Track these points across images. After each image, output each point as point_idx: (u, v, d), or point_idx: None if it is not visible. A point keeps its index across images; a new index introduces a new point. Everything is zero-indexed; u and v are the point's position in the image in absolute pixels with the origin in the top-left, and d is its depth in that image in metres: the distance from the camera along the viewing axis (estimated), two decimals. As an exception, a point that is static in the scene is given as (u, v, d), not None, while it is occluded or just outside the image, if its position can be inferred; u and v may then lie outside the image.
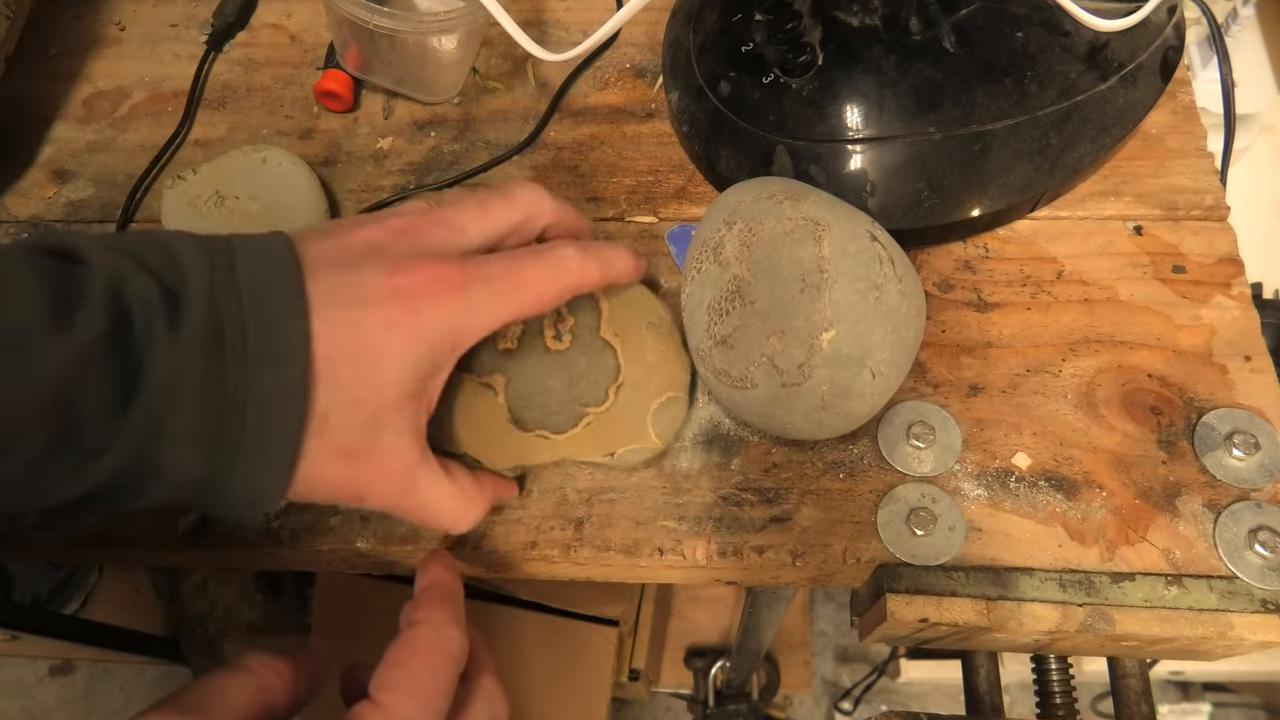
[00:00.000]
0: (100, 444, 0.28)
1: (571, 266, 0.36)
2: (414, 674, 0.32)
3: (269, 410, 0.30)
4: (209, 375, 0.29)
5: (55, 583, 1.16)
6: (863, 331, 0.36)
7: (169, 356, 0.29)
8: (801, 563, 0.39)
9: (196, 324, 0.29)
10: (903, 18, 0.43)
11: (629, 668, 1.11)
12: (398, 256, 0.33)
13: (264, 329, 0.30)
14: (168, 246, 0.31)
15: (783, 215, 0.37)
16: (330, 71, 0.51)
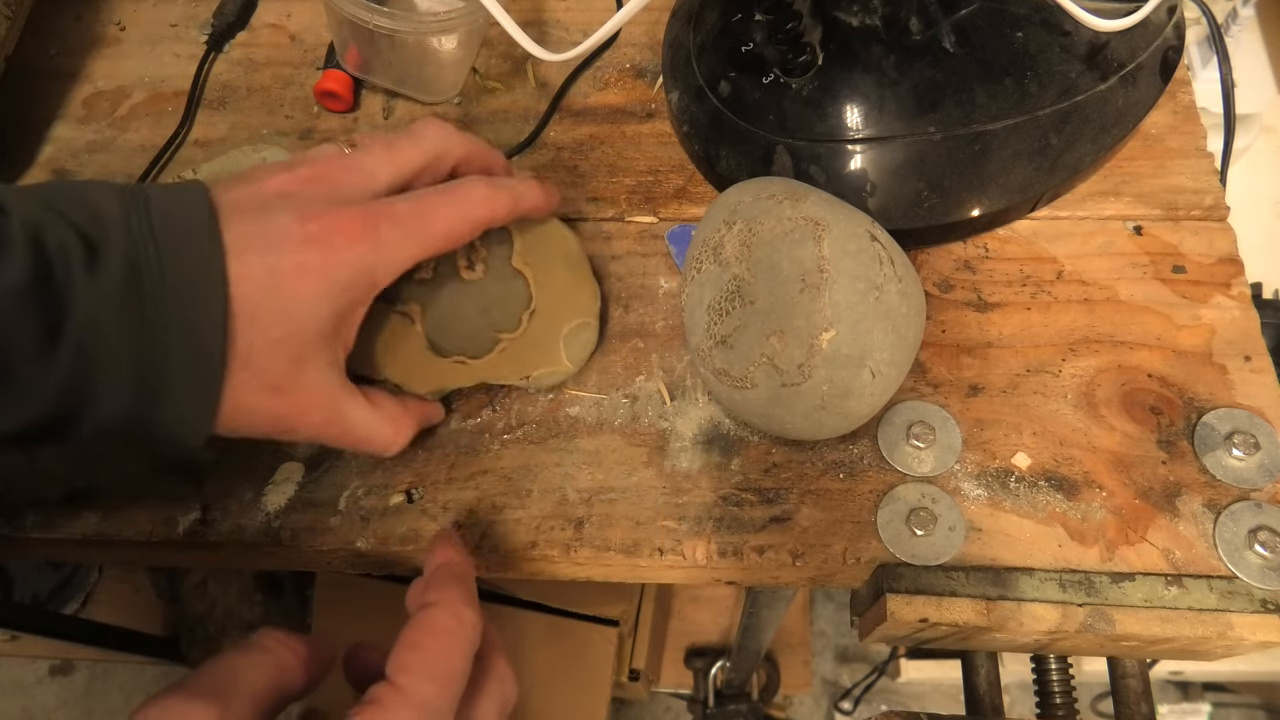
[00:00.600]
0: (31, 383, 0.30)
1: (478, 201, 0.37)
2: (431, 656, 0.32)
3: (191, 345, 0.32)
4: (129, 314, 0.31)
5: (55, 583, 1.16)
6: (863, 331, 0.36)
7: (89, 299, 0.30)
8: (801, 563, 0.39)
9: (114, 268, 0.31)
10: (903, 18, 0.43)
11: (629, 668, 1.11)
12: (308, 203, 0.34)
13: (181, 271, 0.31)
14: (85, 194, 0.32)
15: (783, 215, 0.38)
16: (330, 71, 0.51)
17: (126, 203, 0.32)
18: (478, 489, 0.41)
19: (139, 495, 0.41)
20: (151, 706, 0.29)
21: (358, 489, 0.41)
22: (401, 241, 0.35)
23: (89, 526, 0.41)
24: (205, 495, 0.41)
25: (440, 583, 0.34)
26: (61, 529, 0.41)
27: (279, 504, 0.41)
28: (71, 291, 0.30)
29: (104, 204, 0.32)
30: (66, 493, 0.41)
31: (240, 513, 0.41)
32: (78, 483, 0.41)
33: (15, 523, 0.41)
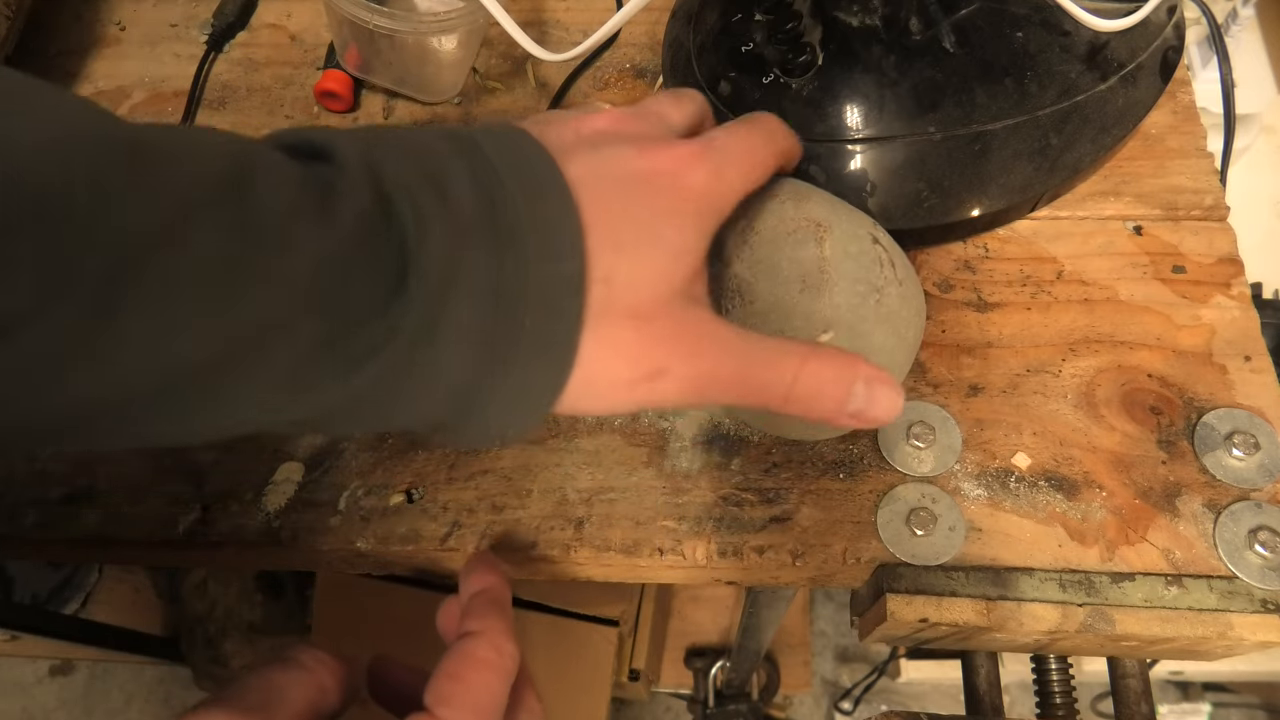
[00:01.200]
0: (371, 340, 0.25)
1: (779, 130, 0.37)
2: (473, 689, 0.31)
3: (548, 303, 0.27)
4: (487, 262, 0.26)
5: (55, 583, 1.16)
6: (862, 334, 0.36)
7: (441, 235, 0.26)
8: (801, 563, 0.39)
9: (466, 200, 0.27)
10: (903, 18, 0.43)
11: (629, 668, 1.11)
12: (634, 138, 0.32)
13: (534, 212, 0.28)
14: (405, 134, 0.29)
15: (784, 215, 0.37)
16: (330, 71, 0.51)
17: (457, 141, 0.29)
18: (478, 489, 0.41)
19: (139, 495, 0.41)
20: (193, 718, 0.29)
21: (358, 489, 0.41)
22: (733, 171, 0.33)
23: (89, 526, 0.41)
24: (205, 495, 0.41)
25: (481, 611, 0.34)
26: (61, 529, 0.41)
27: (279, 504, 0.41)
28: (422, 228, 0.26)
29: (433, 141, 0.28)
30: (66, 493, 0.41)
31: (240, 513, 0.41)
32: (78, 482, 0.41)
33: (15, 523, 0.41)
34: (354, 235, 0.25)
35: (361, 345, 0.25)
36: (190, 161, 0.23)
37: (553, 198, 0.28)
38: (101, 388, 0.22)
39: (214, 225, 0.23)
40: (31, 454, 0.24)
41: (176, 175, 0.23)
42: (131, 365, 0.22)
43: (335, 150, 0.27)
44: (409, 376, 0.26)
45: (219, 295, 0.23)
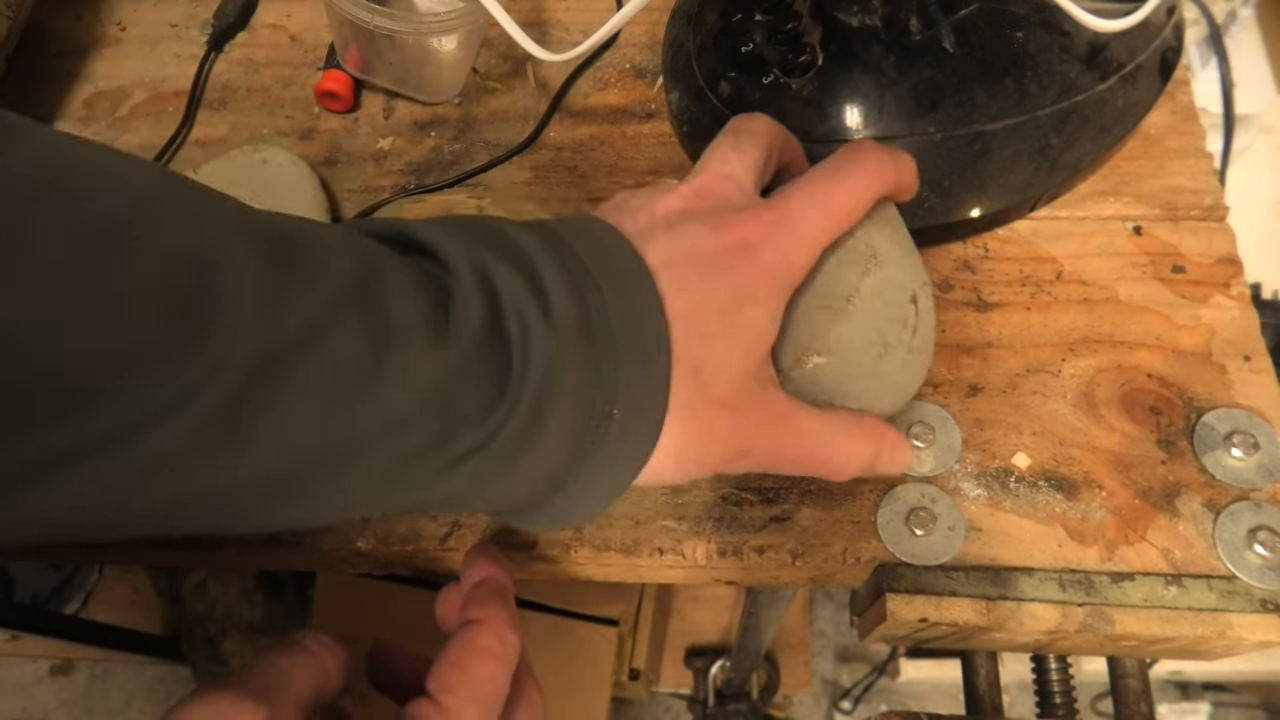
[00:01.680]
0: (475, 441, 0.27)
1: (873, 169, 0.34)
2: (476, 678, 0.32)
3: (635, 405, 0.29)
4: (584, 369, 0.28)
5: (55, 583, 1.16)
6: (846, 376, 0.35)
7: (545, 347, 0.27)
8: (801, 563, 0.39)
9: (567, 313, 0.28)
10: (903, 18, 0.43)
11: (629, 668, 1.11)
12: (708, 214, 0.32)
13: (625, 313, 0.29)
14: (499, 230, 0.30)
15: (852, 229, 0.36)
16: (330, 71, 0.51)
17: (544, 239, 0.29)
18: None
19: (139, 495, 0.41)
20: (199, 704, 0.29)
21: (358, 489, 0.41)
22: (811, 232, 0.32)
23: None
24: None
25: (482, 600, 0.34)
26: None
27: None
28: (526, 340, 0.27)
29: (522, 239, 0.29)
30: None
31: (240, 513, 0.41)
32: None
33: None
34: (471, 347, 0.26)
35: (465, 446, 0.27)
36: (329, 264, 0.25)
37: (636, 291, 0.29)
38: (237, 474, 0.24)
39: (351, 330, 0.24)
40: (169, 535, 0.25)
41: (321, 277, 0.24)
42: (266, 455, 0.24)
43: (441, 251, 0.28)
44: (503, 475, 0.28)
45: (349, 397, 0.24)
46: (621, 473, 0.30)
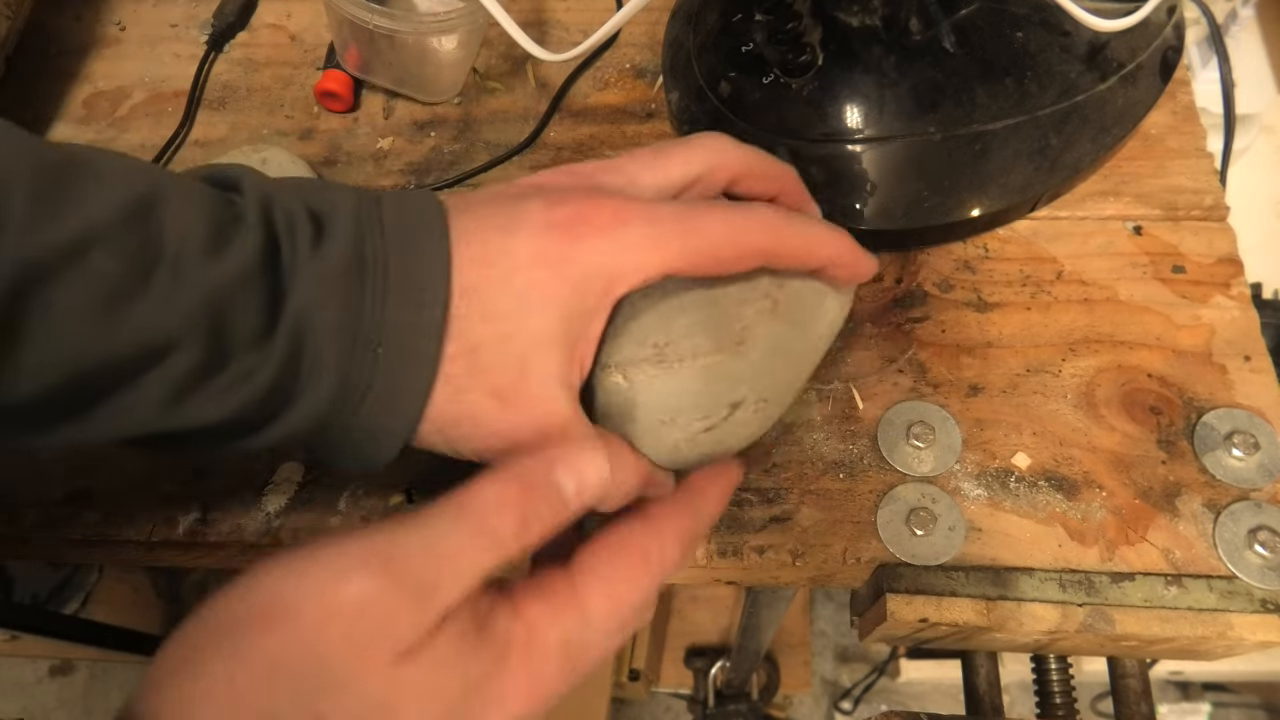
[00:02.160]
0: (248, 367, 0.28)
1: (761, 226, 0.31)
2: (627, 578, 0.28)
3: (403, 348, 0.29)
4: (348, 305, 0.28)
5: (55, 583, 1.16)
6: (630, 415, 0.32)
7: (310, 280, 0.28)
8: (801, 563, 0.39)
9: (340, 249, 0.29)
10: (903, 18, 0.43)
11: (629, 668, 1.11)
12: (559, 191, 0.31)
13: (406, 264, 0.29)
14: (318, 183, 0.31)
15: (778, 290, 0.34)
16: (330, 71, 0.51)
17: (358, 194, 0.30)
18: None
19: (139, 495, 0.41)
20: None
21: (358, 489, 0.41)
22: (650, 243, 0.29)
23: (89, 526, 0.41)
24: (205, 495, 0.41)
25: (682, 504, 0.31)
26: (61, 529, 0.41)
27: (279, 504, 0.41)
28: (294, 271, 0.28)
29: (334, 190, 0.30)
30: (66, 493, 0.41)
31: (240, 513, 0.41)
32: (78, 483, 0.41)
33: (15, 523, 0.41)
34: (239, 272, 0.27)
35: (239, 371, 0.28)
36: (103, 187, 0.26)
37: (422, 244, 0.29)
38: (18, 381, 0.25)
39: (115, 247, 0.26)
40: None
41: (91, 199, 0.26)
42: (36, 362, 0.25)
43: (243, 184, 0.29)
44: (275, 405, 0.29)
45: (112, 310, 0.26)
46: (397, 417, 0.29)
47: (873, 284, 0.45)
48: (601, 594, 0.28)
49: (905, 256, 0.45)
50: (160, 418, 0.28)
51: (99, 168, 0.27)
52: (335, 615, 0.23)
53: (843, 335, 0.43)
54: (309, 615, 0.23)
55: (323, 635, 0.23)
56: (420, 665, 0.24)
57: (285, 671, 0.23)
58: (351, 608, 0.23)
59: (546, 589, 0.27)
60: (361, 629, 0.23)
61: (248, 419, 0.29)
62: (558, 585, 0.28)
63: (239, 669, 0.23)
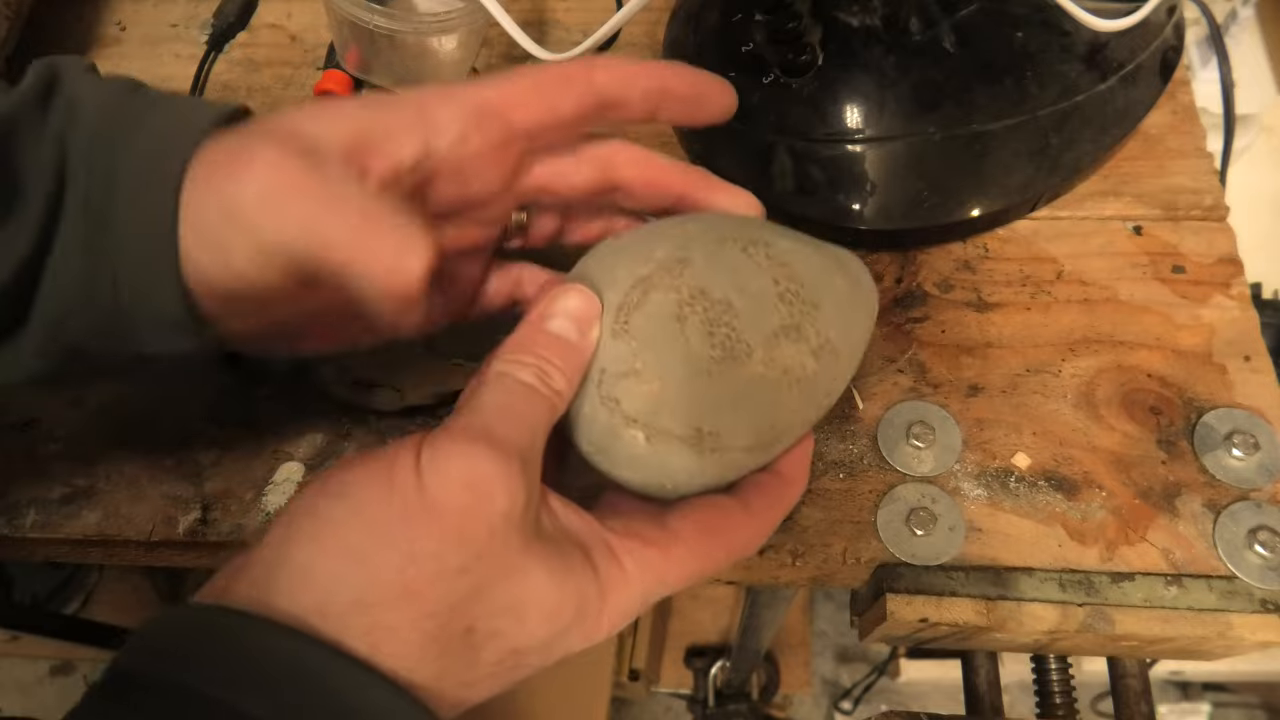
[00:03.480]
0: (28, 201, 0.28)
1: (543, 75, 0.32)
2: (731, 531, 0.30)
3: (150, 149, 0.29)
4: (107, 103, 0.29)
5: (55, 583, 1.16)
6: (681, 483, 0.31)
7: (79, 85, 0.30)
8: (801, 563, 0.39)
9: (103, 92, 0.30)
10: (903, 18, 0.43)
11: (629, 668, 1.11)
12: None
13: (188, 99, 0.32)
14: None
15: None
16: (330, 72, 0.51)
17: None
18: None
19: (139, 495, 0.41)
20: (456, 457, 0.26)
21: (358, 489, 0.41)
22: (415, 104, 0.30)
23: (89, 526, 0.41)
24: (205, 495, 0.41)
25: (778, 500, 0.32)
26: (61, 529, 0.41)
27: (279, 504, 0.41)
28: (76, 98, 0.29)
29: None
30: (66, 493, 0.41)
31: (240, 513, 0.41)
32: (78, 483, 0.41)
33: (15, 523, 0.41)
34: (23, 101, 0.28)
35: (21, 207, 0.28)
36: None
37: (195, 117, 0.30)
38: None
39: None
40: None
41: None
42: None
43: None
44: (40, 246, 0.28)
45: None
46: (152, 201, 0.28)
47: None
48: (683, 565, 0.30)
49: (905, 256, 0.45)
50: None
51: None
52: (479, 501, 0.26)
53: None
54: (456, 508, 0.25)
55: (472, 526, 0.25)
56: (537, 557, 0.27)
57: (449, 567, 0.25)
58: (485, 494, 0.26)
59: (644, 542, 0.29)
60: (496, 510, 0.26)
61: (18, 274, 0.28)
62: (652, 545, 0.29)
63: (409, 565, 0.25)
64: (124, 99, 0.30)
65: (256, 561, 0.26)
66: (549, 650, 0.28)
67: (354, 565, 0.25)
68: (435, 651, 0.25)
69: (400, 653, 0.25)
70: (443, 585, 0.25)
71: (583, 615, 0.28)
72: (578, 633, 0.28)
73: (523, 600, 0.26)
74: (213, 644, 0.24)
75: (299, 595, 0.25)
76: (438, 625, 0.25)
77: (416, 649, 0.25)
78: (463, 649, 0.26)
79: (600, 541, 0.29)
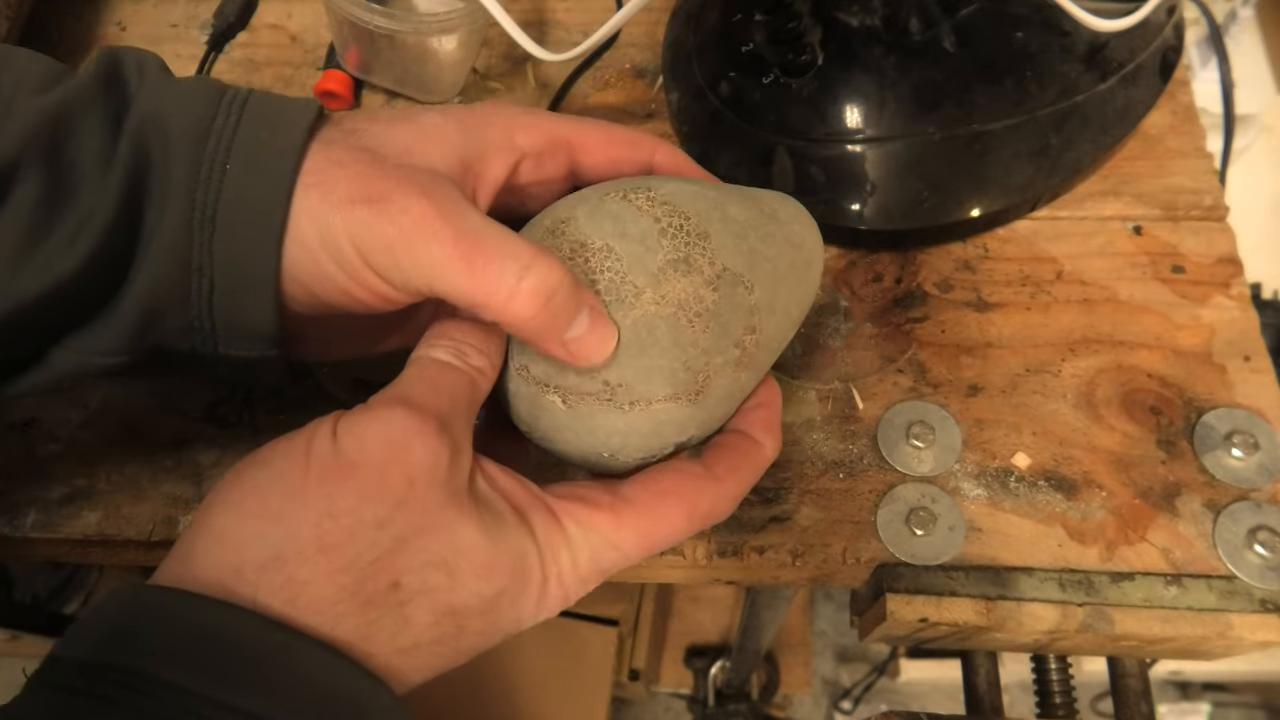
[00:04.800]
0: (92, 203, 0.27)
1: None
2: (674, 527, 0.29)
3: (253, 165, 0.28)
4: (196, 116, 0.28)
5: (55, 583, 1.16)
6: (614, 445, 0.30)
7: (157, 92, 0.28)
8: (801, 563, 0.39)
9: (193, 79, 0.29)
10: (903, 18, 0.43)
11: (629, 668, 1.11)
12: None
13: (273, 97, 0.30)
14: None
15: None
16: (330, 72, 0.51)
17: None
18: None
19: (139, 495, 0.41)
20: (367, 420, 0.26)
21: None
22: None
23: (89, 526, 0.41)
24: (205, 495, 0.41)
25: (746, 463, 0.31)
26: (61, 529, 0.41)
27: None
28: (140, 88, 0.28)
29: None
30: (66, 493, 0.41)
31: (240, 513, 0.41)
32: (78, 483, 0.41)
33: (15, 523, 0.41)
34: (79, 90, 0.28)
35: (83, 211, 0.27)
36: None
37: (287, 102, 0.30)
38: None
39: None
40: None
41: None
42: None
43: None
44: (125, 242, 0.28)
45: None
46: (254, 246, 0.28)
47: (873, 284, 0.45)
48: (636, 529, 0.29)
49: (905, 256, 0.45)
50: (8, 278, 0.27)
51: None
52: (395, 453, 0.25)
53: (843, 335, 0.43)
54: (373, 462, 0.25)
55: (390, 477, 0.25)
56: (466, 512, 0.26)
57: (365, 520, 0.25)
58: (401, 445, 0.26)
59: (589, 505, 0.28)
60: (414, 461, 0.26)
61: (102, 270, 0.28)
62: (598, 509, 0.28)
63: (325, 519, 0.25)
64: (211, 99, 0.29)
65: (183, 536, 0.26)
66: (492, 615, 0.27)
67: (270, 523, 0.25)
68: (356, 606, 0.25)
69: (317, 608, 0.24)
70: (361, 538, 0.25)
71: (523, 577, 0.27)
72: (523, 598, 0.27)
73: (452, 553, 0.26)
74: (132, 621, 0.24)
75: (218, 558, 0.25)
76: (355, 580, 0.24)
77: (333, 604, 0.24)
78: (390, 605, 0.25)
79: (539, 504, 0.28)
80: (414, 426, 0.26)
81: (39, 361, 0.30)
